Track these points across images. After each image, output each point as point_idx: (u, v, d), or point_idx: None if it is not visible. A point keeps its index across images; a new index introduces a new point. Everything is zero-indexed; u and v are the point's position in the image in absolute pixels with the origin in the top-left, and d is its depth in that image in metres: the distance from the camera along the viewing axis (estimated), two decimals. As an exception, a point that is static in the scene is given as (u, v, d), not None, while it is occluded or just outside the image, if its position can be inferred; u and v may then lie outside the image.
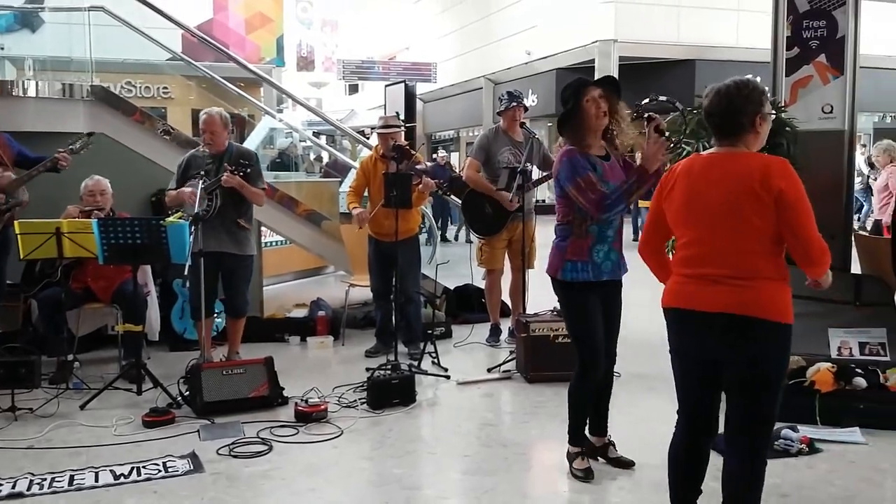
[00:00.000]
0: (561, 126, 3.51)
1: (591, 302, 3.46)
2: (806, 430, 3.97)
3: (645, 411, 4.47)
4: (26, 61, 8.83)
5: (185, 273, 4.58)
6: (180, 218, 4.81)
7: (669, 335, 2.79)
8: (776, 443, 3.83)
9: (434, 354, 5.49)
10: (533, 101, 16.77)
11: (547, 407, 4.61)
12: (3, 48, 10.58)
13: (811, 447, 3.83)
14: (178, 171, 5.16)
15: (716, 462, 2.87)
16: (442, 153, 17.33)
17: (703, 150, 4.60)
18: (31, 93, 6.16)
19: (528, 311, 5.49)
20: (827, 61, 4.99)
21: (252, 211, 5.25)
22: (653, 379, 4.91)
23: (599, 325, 3.48)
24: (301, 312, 6.70)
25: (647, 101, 3.33)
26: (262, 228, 6.93)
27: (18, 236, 4.90)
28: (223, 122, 5.12)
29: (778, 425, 4.01)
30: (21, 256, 4.97)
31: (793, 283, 4.78)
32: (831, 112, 4.99)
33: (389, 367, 4.88)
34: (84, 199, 5.36)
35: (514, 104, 5.87)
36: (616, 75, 15.77)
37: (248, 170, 4.95)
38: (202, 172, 4.83)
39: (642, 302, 4.36)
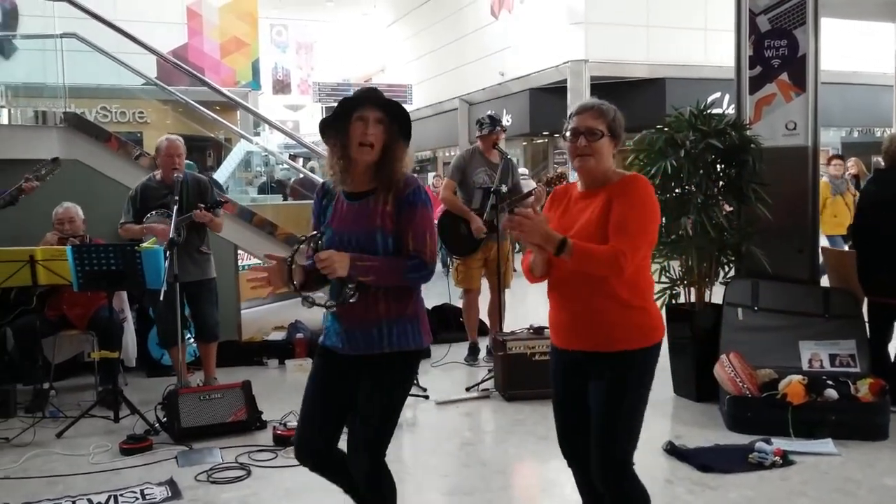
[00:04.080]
0: (325, 139, 2.68)
1: (318, 370, 2.72)
2: (779, 443, 4.04)
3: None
4: (-2, 88, 8.79)
5: (160, 299, 4.57)
6: (154, 244, 4.81)
7: (654, 368, 2.61)
8: (750, 455, 3.90)
9: (412, 375, 5.50)
10: (507, 122, 16.91)
11: (525, 424, 4.65)
12: (-26, 75, 10.53)
13: (785, 459, 3.89)
14: (130, 203, 5.13)
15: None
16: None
17: (671, 168, 4.75)
18: (4, 120, 6.17)
19: (505, 330, 5.54)
20: (789, 79, 5.11)
21: (209, 235, 5.29)
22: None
23: (311, 404, 2.68)
24: (280, 335, 6.69)
25: None
26: (240, 252, 6.93)
27: (-9, 265, 4.87)
28: (184, 147, 5.17)
29: (751, 438, 4.10)
30: (-6, 285, 4.93)
31: (766, 297, 4.89)
32: (795, 129, 5.11)
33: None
34: (55, 227, 5.35)
35: (499, 128, 5.99)
36: (588, 95, 15.94)
37: (220, 206, 5.04)
38: (174, 204, 4.80)
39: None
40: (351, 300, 2.51)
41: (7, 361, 5.36)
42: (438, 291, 7.19)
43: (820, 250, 5.26)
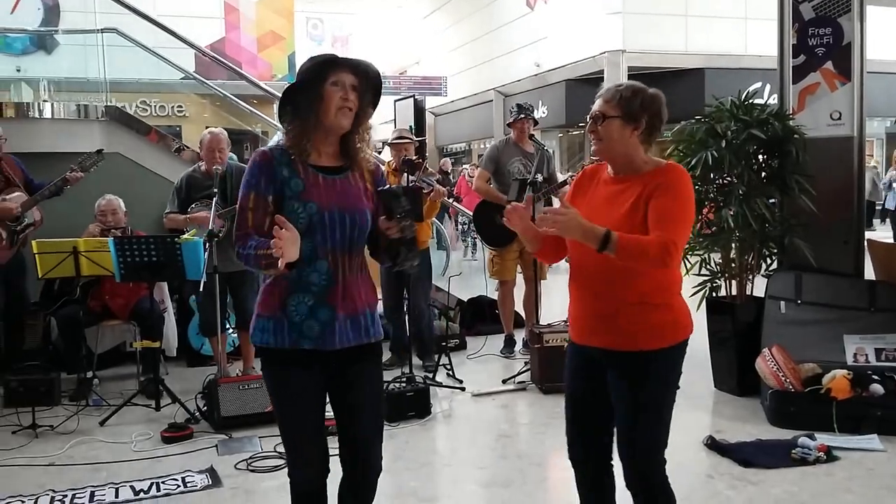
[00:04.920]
0: (282, 109, 2.39)
1: (296, 379, 2.32)
2: (823, 438, 3.96)
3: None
4: (42, 83, 8.97)
5: (200, 290, 4.63)
6: (195, 235, 4.86)
7: (680, 368, 2.49)
8: (793, 451, 3.83)
9: (448, 366, 5.51)
10: (543, 113, 16.81)
11: (563, 417, 4.58)
12: (19, 70, 10.76)
13: (829, 455, 3.81)
14: (176, 193, 5.20)
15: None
16: (444, 160, 17.37)
17: (712, 159, 4.67)
18: (47, 114, 6.27)
19: (541, 322, 5.51)
20: (834, 68, 4.99)
21: None
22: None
23: (303, 421, 2.34)
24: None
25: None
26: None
27: (36, 256, 4.98)
28: (227, 140, 5.20)
29: (794, 433, 4.03)
30: (39, 276, 5.05)
31: (809, 290, 4.80)
32: (840, 119, 4.98)
33: (404, 379, 4.90)
34: (97, 219, 5.45)
35: (523, 116, 5.94)
36: (626, 85, 15.79)
37: None
38: (216, 196, 4.86)
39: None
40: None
41: (52, 351, 5.48)
42: (474, 283, 7.21)
43: (865, 243, 5.14)
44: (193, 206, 5.10)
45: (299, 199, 2.28)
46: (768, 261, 5.08)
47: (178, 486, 3.68)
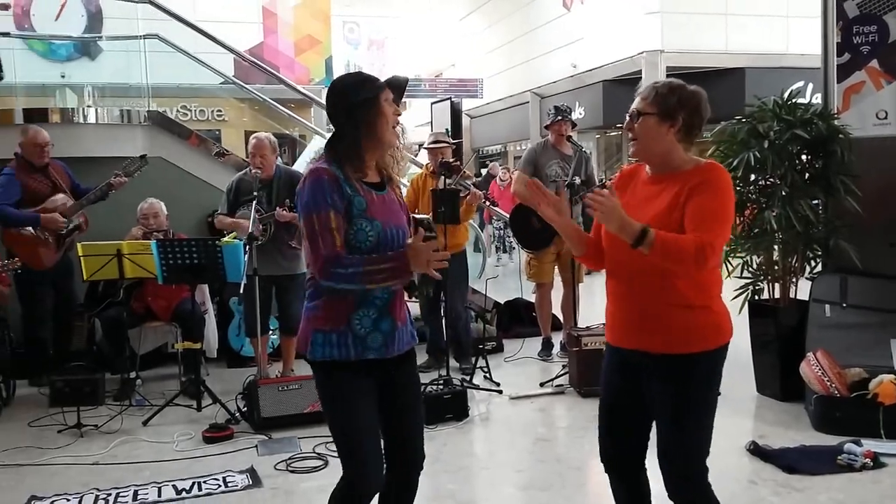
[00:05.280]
0: (337, 128, 2.40)
1: (358, 391, 2.38)
2: (869, 444, 3.87)
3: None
4: (86, 89, 9.17)
5: (241, 292, 4.68)
6: (235, 238, 4.93)
7: (720, 372, 2.42)
8: (839, 457, 3.75)
9: (486, 369, 5.50)
10: (580, 114, 16.70)
11: (601, 421, 4.58)
12: (64, 76, 11.01)
13: (876, 461, 3.73)
14: (227, 195, 5.28)
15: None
16: (492, 164, 17.32)
17: (755, 160, 4.60)
18: (91, 119, 6.40)
19: (579, 325, 5.47)
20: (879, 66, 4.88)
21: (300, 231, 5.36)
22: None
23: (370, 427, 2.39)
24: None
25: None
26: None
27: (81, 258, 5.09)
28: (272, 146, 5.24)
29: (840, 439, 3.95)
30: (84, 278, 5.15)
31: (855, 293, 4.70)
32: (886, 118, 4.87)
33: (441, 382, 4.91)
34: (140, 222, 5.54)
35: (560, 118, 5.90)
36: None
37: None
38: (255, 200, 4.92)
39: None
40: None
41: (96, 351, 5.59)
42: (511, 286, 7.19)
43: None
44: (241, 209, 5.17)
45: (365, 217, 2.32)
46: (812, 263, 4.98)
47: (220, 485, 3.72)
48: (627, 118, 2.41)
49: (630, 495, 2.60)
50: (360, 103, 2.34)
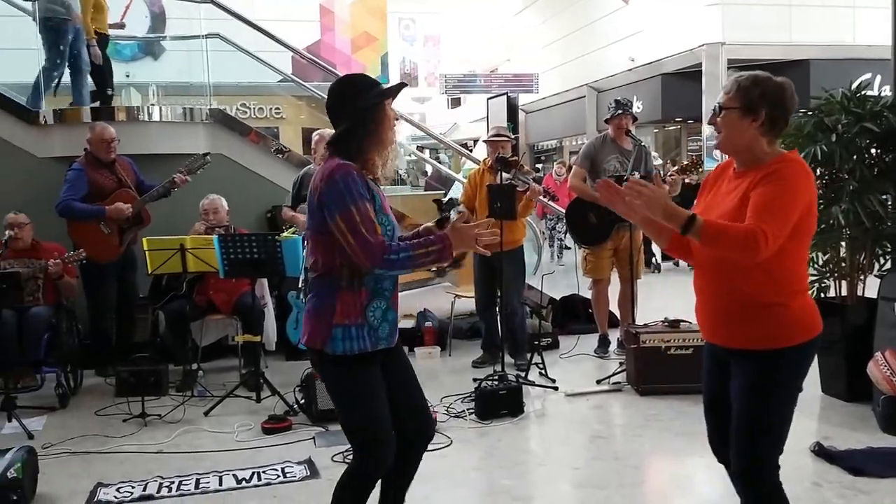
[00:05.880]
0: (347, 127, 2.51)
1: (375, 379, 2.51)
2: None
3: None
4: (150, 87, 9.41)
5: (300, 286, 4.74)
6: (293, 233, 4.99)
7: (806, 368, 2.44)
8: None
9: (541, 365, 5.46)
10: (638, 108, 16.49)
11: (660, 420, 4.51)
12: (128, 76, 11.31)
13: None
14: (293, 189, 5.39)
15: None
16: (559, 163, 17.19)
17: (821, 154, 4.47)
18: (156, 117, 6.55)
19: (637, 322, 5.40)
20: (955, 56, 4.69)
21: None
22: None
23: (386, 409, 2.52)
24: (408, 323, 6.80)
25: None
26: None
27: (146, 252, 5.23)
28: None
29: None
30: (149, 271, 5.29)
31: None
32: (961, 110, 4.68)
33: (496, 377, 4.90)
34: (202, 217, 5.67)
35: (621, 112, 5.82)
36: (725, 79, 15.30)
37: None
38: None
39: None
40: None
41: (159, 343, 5.74)
42: (567, 282, 7.12)
43: None
44: (303, 202, 5.25)
45: (382, 213, 2.48)
46: (881, 260, 4.81)
47: (278, 475, 3.78)
48: (712, 111, 2.41)
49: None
50: (372, 104, 2.49)
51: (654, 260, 10.90)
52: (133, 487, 3.68)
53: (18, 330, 4.96)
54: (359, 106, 2.47)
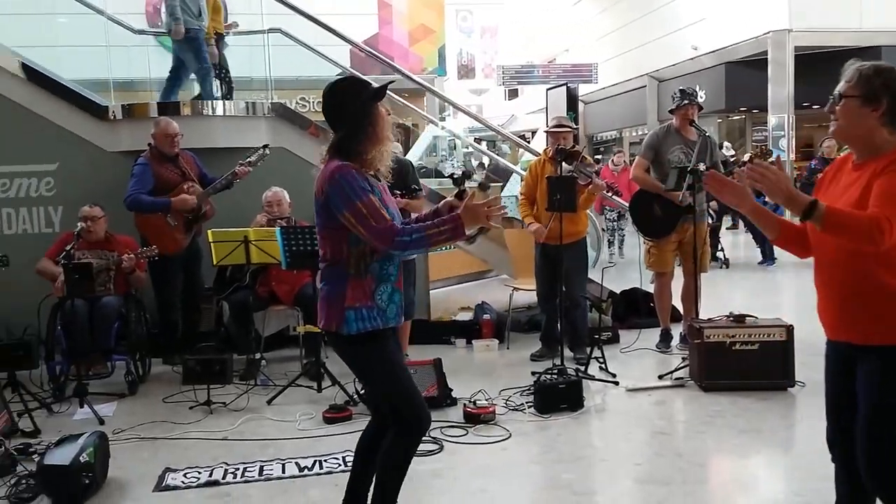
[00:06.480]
0: (347, 131, 2.75)
1: (393, 351, 2.83)
2: None
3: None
4: (214, 82, 9.56)
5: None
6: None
7: None
8: None
9: (601, 360, 5.40)
10: (701, 98, 16.17)
11: (724, 417, 4.42)
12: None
13: None
14: None
15: None
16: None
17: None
18: (219, 112, 6.67)
19: (700, 316, 5.29)
20: None
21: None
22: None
23: (406, 371, 2.87)
24: (466, 315, 6.81)
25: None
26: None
27: (211, 244, 5.34)
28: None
29: None
30: (214, 263, 5.41)
31: None
32: None
33: (556, 371, 4.86)
34: (265, 209, 5.75)
35: (686, 102, 5.69)
36: (792, 67, 14.89)
37: (419, 191, 5.23)
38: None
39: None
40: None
41: (224, 333, 5.86)
42: (629, 276, 7.03)
43: None
44: None
45: (384, 205, 2.69)
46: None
47: (339, 464, 3.83)
48: (830, 99, 2.37)
49: (851, 487, 2.51)
50: (369, 105, 2.72)
51: (722, 254, 10.57)
52: (200, 473, 3.77)
53: (90, 319, 5.13)
54: (354, 110, 2.72)
